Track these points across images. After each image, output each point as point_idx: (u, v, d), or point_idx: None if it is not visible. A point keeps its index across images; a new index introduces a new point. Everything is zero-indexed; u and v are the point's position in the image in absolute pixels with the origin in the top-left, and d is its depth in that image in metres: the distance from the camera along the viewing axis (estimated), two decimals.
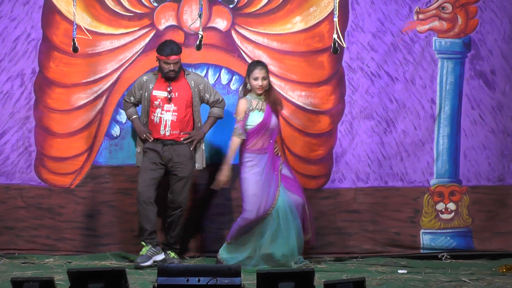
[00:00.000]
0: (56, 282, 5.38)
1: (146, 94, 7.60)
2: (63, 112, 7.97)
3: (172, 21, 8.05)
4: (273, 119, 7.56)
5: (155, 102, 7.57)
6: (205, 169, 7.76)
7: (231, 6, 8.05)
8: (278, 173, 7.54)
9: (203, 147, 7.70)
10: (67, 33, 7.77)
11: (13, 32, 7.92)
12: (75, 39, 6.74)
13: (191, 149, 7.61)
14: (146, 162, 7.59)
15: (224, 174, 7.51)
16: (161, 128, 7.58)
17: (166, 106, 7.57)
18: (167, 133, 7.59)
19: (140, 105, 7.71)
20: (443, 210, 8.14)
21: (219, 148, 7.97)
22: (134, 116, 7.69)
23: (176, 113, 7.58)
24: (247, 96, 7.56)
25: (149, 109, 7.61)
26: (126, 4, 8.01)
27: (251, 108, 7.52)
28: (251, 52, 8.00)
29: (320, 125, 8.07)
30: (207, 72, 8.04)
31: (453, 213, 8.14)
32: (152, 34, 8.00)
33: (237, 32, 8.06)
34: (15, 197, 7.92)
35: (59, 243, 7.94)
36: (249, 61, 7.91)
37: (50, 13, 7.94)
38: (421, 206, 8.12)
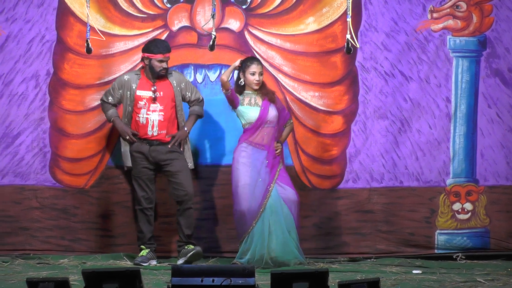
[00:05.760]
0: (71, 283, 5.39)
1: (128, 94, 7.56)
2: (77, 113, 8.00)
3: (185, 22, 8.05)
4: (271, 111, 7.52)
5: (140, 102, 7.54)
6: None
7: (244, 6, 8.04)
8: (276, 171, 7.49)
9: (189, 146, 7.70)
10: (81, 35, 7.80)
11: (28, 34, 7.95)
12: (89, 40, 6.78)
13: (181, 149, 7.62)
14: (137, 168, 7.59)
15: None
16: (149, 129, 7.56)
17: (152, 106, 7.55)
18: (155, 133, 7.57)
19: (117, 106, 7.67)
20: (460, 210, 8.09)
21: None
22: (115, 117, 7.65)
23: (162, 113, 7.56)
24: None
25: (132, 109, 7.58)
26: (139, 5, 8.03)
27: (242, 103, 7.50)
28: (264, 53, 8.00)
29: (334, 125, 8.05)
30: (220, 72, 8.05)
31: (470, 213, 8.09)
32: (165, 35, 8.00)
33: (250, 33, 8.06)
34: (30, 197, 7.94)
35: (74, 243, 7.97)
36: (263, 62, 7.90)
37: (64, 15, 7.96)
38: (437, 206, 8.08)
